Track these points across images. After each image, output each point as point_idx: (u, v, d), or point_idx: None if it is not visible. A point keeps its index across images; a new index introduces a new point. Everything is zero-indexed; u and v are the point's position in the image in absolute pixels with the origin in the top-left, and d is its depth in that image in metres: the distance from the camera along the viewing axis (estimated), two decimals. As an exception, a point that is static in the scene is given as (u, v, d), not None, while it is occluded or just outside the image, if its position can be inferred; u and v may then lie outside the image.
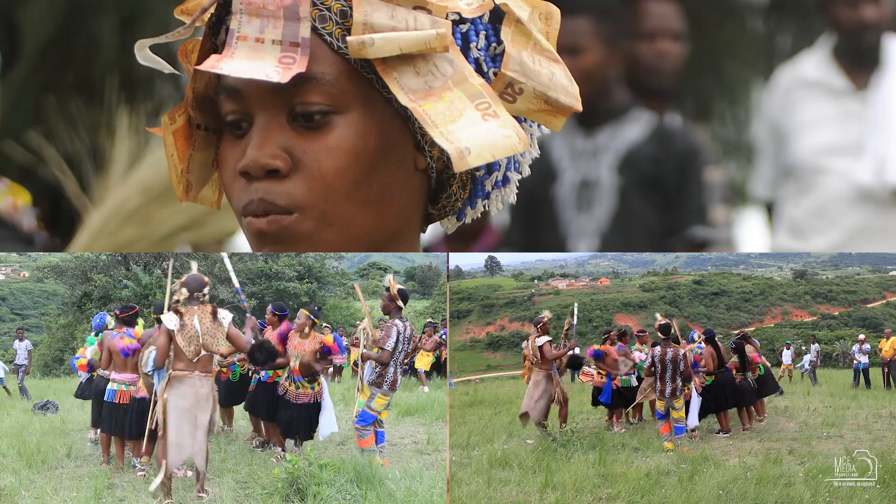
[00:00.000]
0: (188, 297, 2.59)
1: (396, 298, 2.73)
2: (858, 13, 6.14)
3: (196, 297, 2.59)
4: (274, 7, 1.96)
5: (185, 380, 2.61)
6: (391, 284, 2.74)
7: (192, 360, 2.60)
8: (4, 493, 2.58)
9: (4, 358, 3.24)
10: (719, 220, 5.75)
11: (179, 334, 2.59)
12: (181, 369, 2.61)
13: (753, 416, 3.06)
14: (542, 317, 3.10)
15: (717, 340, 3.06)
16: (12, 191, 4.19)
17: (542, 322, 3.09)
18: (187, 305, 2.60)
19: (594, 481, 2.60)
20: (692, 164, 5.76)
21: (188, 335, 2.60)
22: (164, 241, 4.47)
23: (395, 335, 2.75)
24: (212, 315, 2.61)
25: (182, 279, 2.60)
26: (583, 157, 5.79)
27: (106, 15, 7.28)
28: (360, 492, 2.48)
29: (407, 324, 2.76)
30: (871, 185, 6.10)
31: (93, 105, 5.35)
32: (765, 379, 3.14)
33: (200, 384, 2.61)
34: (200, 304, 2.60)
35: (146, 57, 2.11)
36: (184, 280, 2.60)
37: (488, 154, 1.92)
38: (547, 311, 3.14)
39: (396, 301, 2.73)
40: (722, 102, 9.40)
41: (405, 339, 2.76)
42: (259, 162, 1.97)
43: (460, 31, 2.01)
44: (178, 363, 2.61)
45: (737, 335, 3.15)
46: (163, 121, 2.10)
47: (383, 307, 2.77)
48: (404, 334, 2.76)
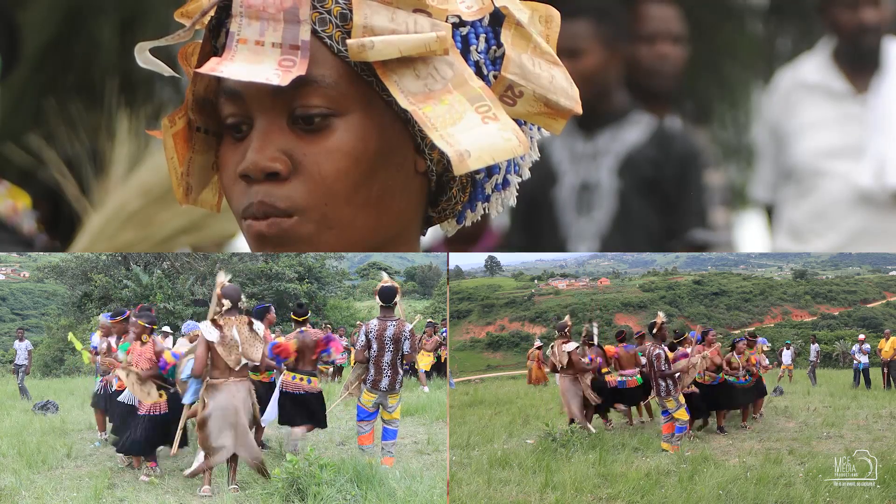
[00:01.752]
0: (230, 308, 2.66)
1: (375, 296, 2.75)
2: (858, 16, 6.14)
3: (238, 306, 2.67)
4: (274, 10, 1.96)
5: (222, 386, 2.70)
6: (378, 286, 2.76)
7: (234, 369, 2.68)
8: (4, 493, 2.58)
9: (5, 358, 3.25)
10: (719, 222, 5.75)
11: (220, 345, 2.67)
12: (217, 377, 2.70)
13: (749, 415, 3.07)
14: (565, 322, 3.12)
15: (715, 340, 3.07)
16: (12, 193, 4.20)
17: (566, 327, 3.11)
18: (227, 316, 2.66)
19: (594, 481, 2.60)
20: (692, 166, 5.76)
21: (229, 345, 2.67)
22: (164, 243, 4.47)
23: (362, 335, 2.78)
24: (248, 325, 2.69)
25: (220, 291, 2.67)
26: (583, 160, 5.79)
27: (106, 17, 7.28)
28: (360, 492, 2.48)
29: (389, 323, 2.76)
30: (870, 187, 6.10)
31: (93, 108, 5.36)
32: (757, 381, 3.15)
33: (237, 389, 2.70)
34: (240, 314, 2.68)
35: (146, 59, 2.12)
36: (222, 292, 2.67)
37: (488, 157, 1.92)
38: (568, 316, 3.15)
39: (375, 299, 2.75)
40: (722, 105, 9.40)
41: (385, 338, 2.76)
42: (259, 165, 1.97)
43: (460, 33, 2.01)
44: (214, 371, 2.70)
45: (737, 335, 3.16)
46: (163, 123, 2.11)
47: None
48: (377, 333, 2.76)
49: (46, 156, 4.74)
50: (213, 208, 2.21)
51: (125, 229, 4.48)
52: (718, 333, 3.13)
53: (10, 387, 3.24)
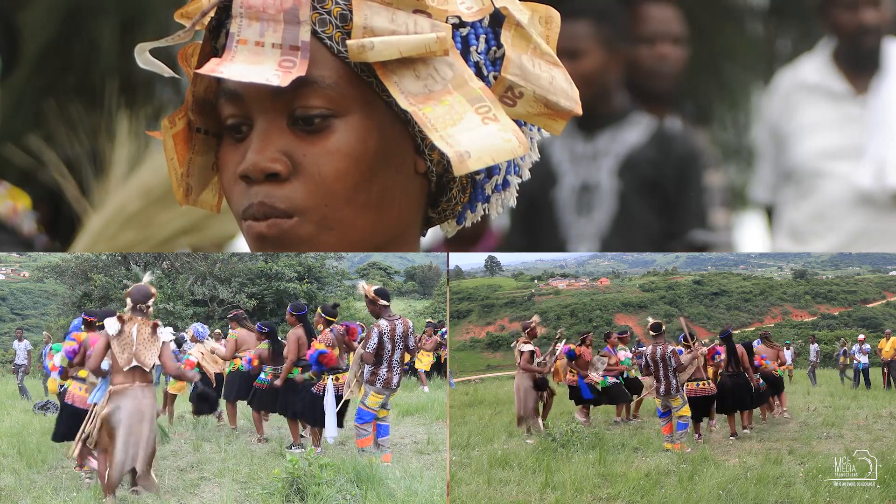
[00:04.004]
0: (131, 308, 2.64)
1: (377, 300, 2.75)
2: (858, 17, 6.14)
3: (139, 308, 2.64)
4: (274, 11, 1.96)
5: (127, 392, 2.66)
6: (366, 290, 2.76)
7: (125, 370, 2.64)
8: (4, 493, 2.58)
9: (5, 358, 3.25)
10: (719, 223, 5.75)
11: (116, 340, 2.64)
12: (121, 381, 2.66)
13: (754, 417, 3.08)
14: (531, 322, 3.13)
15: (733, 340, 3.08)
16: (12, 194, 4.20)
17: (529, 328, 3.12)
18: (132, 315, 2.64)
19: (594, 481, 2.60)
20: (692, 167, 5.76)
21: (123, 342, 2.64)
22: (164, 244, 4.48)
23: (375, 336, 2.77)
24: (151, 328, 2.65)
25: (128, 290, 2.66)
26: (583, 161, 5.79)
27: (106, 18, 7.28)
28: (360, 492, 2.48)
29: (397, 321, 2.77)
30: (870, 188, 6.10)
31: (93, 109, 5.36)
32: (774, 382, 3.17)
33: (142, 395, 2.66)
34: (144, 316, 2.64)
35: (146, 60, 2.12)
36: (129, 291, 2.65)
37: (488, 158, 1.92)
38: (536, 317, 3.16)
39: (378, 302, 2.75)
40: (722, 106, 9.39)
41: (396, 337, 2.77)
42: (259, 165, 1.97)
43: (460, 34, 2.01)
44: (117, 375, 2.66)
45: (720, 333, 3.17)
46: (163, 124, 2.11)
47: (371, 312, 2.79)
48: (390, 333, 2.76)
49: (46, 157, 4.74)
50: (213, 209, 2.21)
51: (125, 230, 4.48)
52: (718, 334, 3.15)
53: (10, 387, 3.24)
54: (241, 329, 3.17)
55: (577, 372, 3.22)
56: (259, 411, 3.12)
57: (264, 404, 3.11)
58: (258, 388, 3.12)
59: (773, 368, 3.15)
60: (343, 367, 2.93)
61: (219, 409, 3.21)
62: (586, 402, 3.22)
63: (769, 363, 3.15)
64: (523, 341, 3.13)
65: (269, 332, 3.10)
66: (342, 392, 2.87)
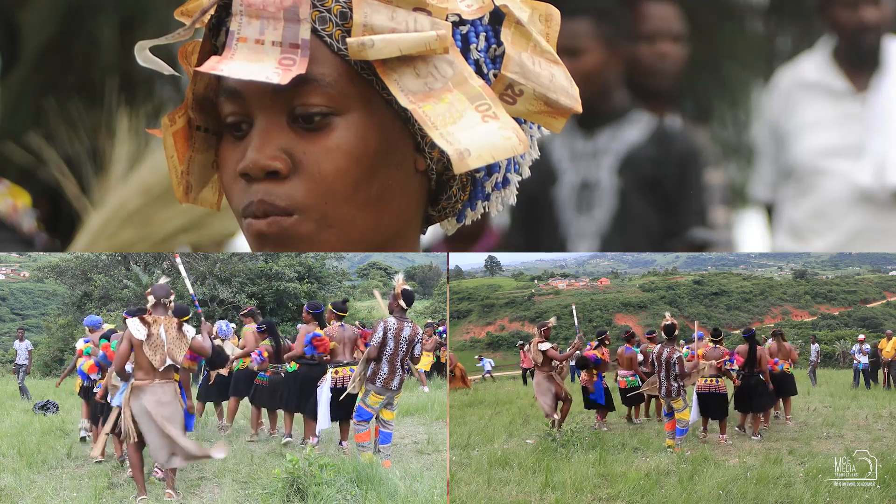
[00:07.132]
0: (154, 304, 2.65)
1: (399, 297, 2.74)
2: (858, 15, 6.14)
3: (163, 303, 2.66)
4: (274, 9, 1.96)
5: (147, 388, 2.68)
6: (398, 284, 2.75)
7: (158, 370, 2.66)
8: (4, 493, 2.58)
9: (5, 358, 3.25)
10: (719, 221, 5.74)
11: (146, 344, 2.67)
12: (142, 378, 2.68)
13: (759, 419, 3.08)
14: (547, 322, 3.13)
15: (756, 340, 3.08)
16: (12, 192, 4.20)
17: (545, 327, 3.13)
18: (154, 313, 2.66)
19: (594, 481, 2.60)
20: (692, 165, 5.76)
21: (154, 344, 2.66)
22: (164, 242, 4.48)
23: (380, 331, 2.76)
24: (177, 327, 2.67)
25: (149, 290, 2.69)
26: (583, 159, 5.79)
27: (106, 17, 7.28)
28: (361, 492, 2.48)
29: (406, 323, 2.76)
30: (870, 186, 6.10)
31: (93, 107, 5.36)
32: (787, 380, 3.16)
33: (162, 391, 2.68)
34: (166, 314, 2.66)
35: (146, 58, 2.11)
36: (151, 289, 2.68)
37: (488, 156, 1.92)
38: (553, 318, 3.16)
39: (399, 300, 2.74)
40: (722, 104, 9.40)
41: (401, 338, 2.76)
42: (259, 163, 1.97)
43: (460, 32, 2.01)
44: (139, 372, 2.69)
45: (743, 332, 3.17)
46: (163, 122, 2.10)
47: (389, 306, 2.78)
48: (396, 332, 2.76)
49: (46, 155, 4.74)
50: (213, 207, 2.21)
51: (125, 228, 4.49)
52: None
53: (10, 387, 3.24)
54: (253, 324, 3.19)
55: (595, 373, 3.22)
56: (259, 408, 3.12)
57: (265, 401, 3.12)
58: (259, 385, 3.12)
59: (785, 368, 3.15)
60: (344, 361, 2.93)
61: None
62: (600, 408, 3.21)
63: (780, 365, 3.15)
64: (539, 341, 3.13)
65: (268, 330, 3.10)
66: (340, 385, 2.88)
